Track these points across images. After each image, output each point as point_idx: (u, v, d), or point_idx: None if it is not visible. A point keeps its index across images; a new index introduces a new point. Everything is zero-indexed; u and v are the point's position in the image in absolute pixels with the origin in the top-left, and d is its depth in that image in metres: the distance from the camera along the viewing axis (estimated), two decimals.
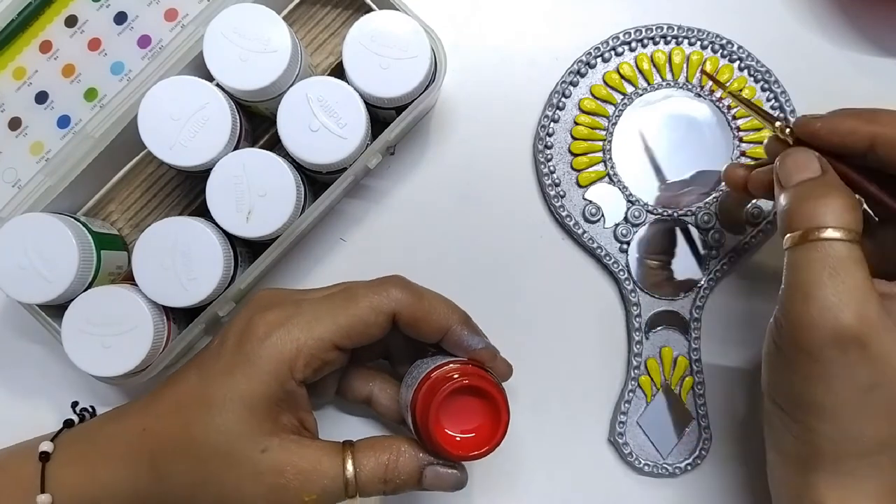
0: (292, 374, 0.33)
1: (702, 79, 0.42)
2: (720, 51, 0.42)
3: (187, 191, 0.42)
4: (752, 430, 0.42)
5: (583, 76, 0.43)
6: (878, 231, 0.34)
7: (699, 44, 0.43)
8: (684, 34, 0.42)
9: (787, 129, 0.34)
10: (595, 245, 0.42)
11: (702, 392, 0.42)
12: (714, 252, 0.42)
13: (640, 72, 0.43)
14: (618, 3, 0.44)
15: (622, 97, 0.42)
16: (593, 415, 0.42)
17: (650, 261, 0.42)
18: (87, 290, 0.37)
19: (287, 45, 0.36)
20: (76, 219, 0.38)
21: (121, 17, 0.41)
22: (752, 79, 0.43)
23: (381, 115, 0.39)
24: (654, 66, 0.42)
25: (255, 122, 0.41)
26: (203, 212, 0.37)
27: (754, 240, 0.42)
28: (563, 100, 0.43)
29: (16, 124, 0.41)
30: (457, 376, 0.33)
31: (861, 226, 0.31)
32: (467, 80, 0.43)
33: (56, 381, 0.42)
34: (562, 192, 0.42)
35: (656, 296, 0.42)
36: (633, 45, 0.43)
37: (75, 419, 0.39)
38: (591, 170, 0.42)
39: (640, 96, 0.42)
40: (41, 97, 0.41)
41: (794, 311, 0.31)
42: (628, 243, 0.42)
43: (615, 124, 0.42)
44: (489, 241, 0.43)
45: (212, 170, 0.36)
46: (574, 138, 0.42)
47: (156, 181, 0.42)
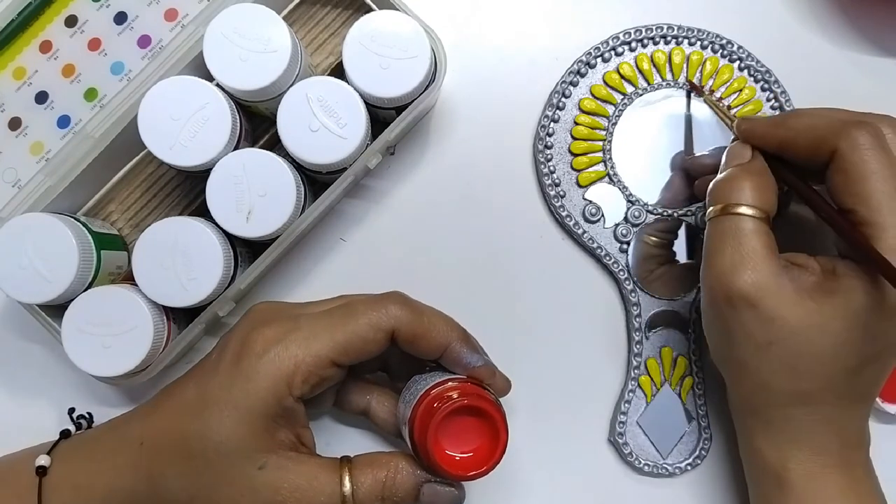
0: (290, 390, 0.33)
1: (691, 84, 0.42)
2: (720, 51, 0.42)
3: (187, 191, 0.42)
4: None
5: (583, 76, 0.43)
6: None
7: (699, 44, 0.43)
8: (684, 34, 0.42)
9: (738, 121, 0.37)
10: (595, 245, 0.42)
11: (702, 392, 0.42)
12: None
13: (640, 72, 0.43)
14: (618, 3, 0.44)
15: (622, 97, 0.42)
16: (593, 415, 0.42)
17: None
18: (87, 290, 0.37)
19: (287, 45, 0.36)
20: (76, 219, 0.38)
21: (121, 17, 0.41)
22: (752, 79, 0.43)
23: (381, 115, 0.39)
24: (654, 66, 0.42)
25: (255, 122, 0.41)
26: (203, 212, 0.37)
27: None
28: (563, 100, 0.43)
29: (16, 124, 0.41)
30: (455, 395, 0.32)
31: (772, 206, 0.34)
32: (467, 80, 0.43)
33: (56, 382, 0.42)
34: (562, 192, 0.42)
35: (656, 296, 0.42)
36: (633, 45, 0.43)
37: (72, 428, 0.39)
38: (591, 170, 0.42)
39: (640, 96, 0.42)
40: (41, 97, 0.41)
41: (703, 274, 0.35)
42: (628, 243, 0.42)
43: (615, 124, 0.42)
44: (489, 241, 0.43)
45: (212, 170, 0.36)
46: (574, 138, 0.42)
47: (156, 181, 0.42)
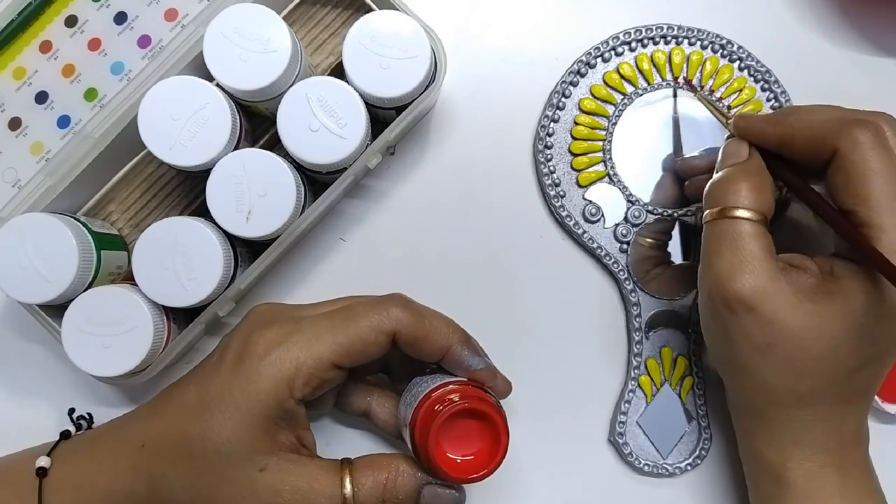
0: (291, 392, 0.33)
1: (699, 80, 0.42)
2: (720, 51, 0.42)
3: (187, 191, 0.42)
4: None
5: (583, 76, 0.43)
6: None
7: (699, 44, 0.43)
8: (684, 34, 0.42)
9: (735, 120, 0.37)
10: (595, 245, 0.42)
11: (702, 392, 0.42)
12: None
13: (640, 72, 0.43)
14: (618, 3, 0.44)
15: (622, 97, 0.42)
16: (593, 415, 0.42)
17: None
18: (87, 290, 0.37)
19: (287, 45, 0.36)
20: (76, 219, 0.38)
21: (121, 17, 0.41)
22: (752, 79, 0.43)
23: (381, 115, 0.39)
24: (654, 66, 0.42)
25: (255, 122, 0.41)
26: (203, 212, 0.37)
27: None
28: (563, 100, 0.43)
29: (16, 124, 0.41)
30: (457, 399, 0.32)
31: (769, 207, 0.34)
32: (467, 80, 0.43)
33: (56, 381, 0.42)
34: (562, 192, 0.42)
35: (656, 296, 0.42)
36: (633, 45, 0.43)
37: (72, 429, 0.39)
38: (591, 170, 0.42)
39: (640, 96, 0.42)
40: (41, 97, 0.41)
41: (701, 278, 0.35)
42: (628, 243, 0.42)
43: (615, 124, 0.42)
44: (489, 241, 0.43)
45: (212, 170, 0.36)
46: (574, 138, 0.42)
47: (156, 181, 0.42)
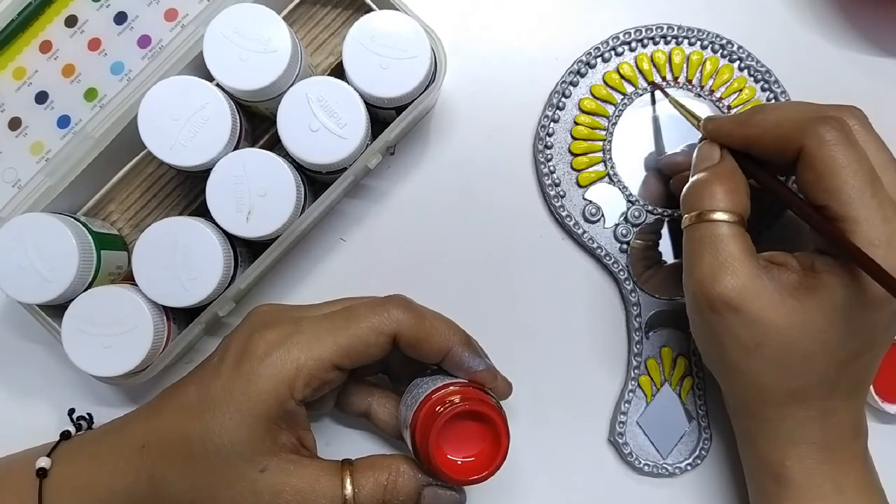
0: (292, 393, 0.33)
1: (702, 79, 0.42)
2: (720, 51, 0.42)
3: (187, 191, 0.42)
4: None
5: (583, 76, 0.43)
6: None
7: (699, 44, 0.43)
8: (684, 34, 0.42)
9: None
10: (595, 245, 0.42)
11: (702, 392, 0.42)
12: None
13: (640, 72, 0.43)
14: (618, 3, 0.44)
15: (622, 97, 0.42)
16: (593, 415, 0.42)
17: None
18: (87, 290, 0.37)
19: (287, 45, 0.36)
20: (76, 219, 0.38)
21: (121, 17, 0.41)
22: (752, 79, 0.43)
23: (381, 115, 0.39)
24: (654, 66, 0.42)
25: (255, 122, 0.41)
26: (203, 212, 0.37)
27: None
28: (563, 100, 0.43)
29: (16, 124, 0.41)
30: (457, 400, 0.32)
31: (745, 207, 0.34)
32: (467, 80, 0.43)
33: (56, 381, 0.42)
34: (562, 192, 0.42)
35: (656, 296, 0.42)
36: (633, 45, 0.43)
37: (72, 429, 0.39)
38: (591, 170, 0.42)
39: (640, 96, 0.42)
40: (41, 97, 0.41)
41: (685, 282, 0.35)
42: (628, 243, 0.42)
43: (615, 124, 0.42)
44: (489, 241, 0.43)
45: (212, 170, 0.36)
46: (574, 138, 0.42)
47: (156, 181, 0.42)
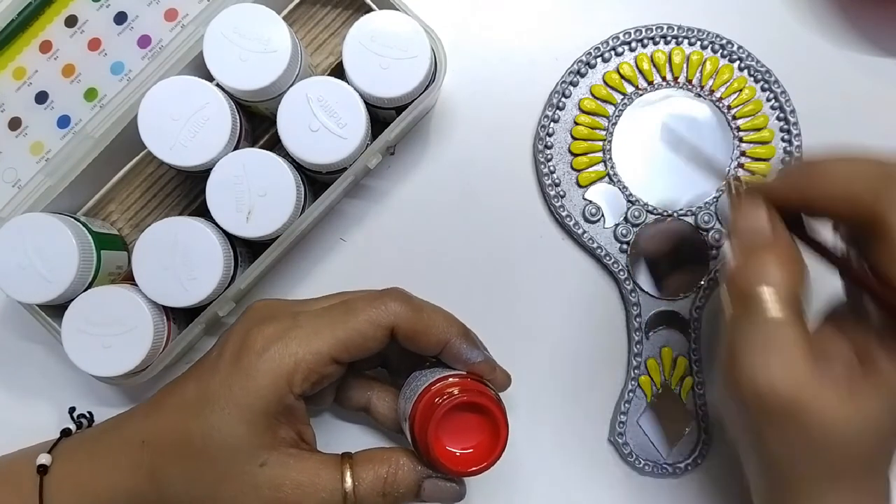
0: (290, 388, 0.33)
1: (702, 80, 0.42)
2: (720, 51, 0.42)
3: (187, 191, 0.42)
4: None
5: (583, 76, 0.43)
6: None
7: (699, 44, 0.43)
8: (684, 34, 0.42)
9: (737, 183, 0.33)
10: (595, 245, 0.42)
11: (702, 392, 0.42)
12: (714, 252, 0.42)
13: (640, 72, 0.43)
14: (618, 3, 0.44)
15: (622, 97, 0.42)
16: (593, 415, 0.42)
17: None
18: (87, 290, 0.37)
19: (287, 45, 0.36)
20: (76, 219, 0.38)
21: (121, 17, 0.41)
22: (752, 79, 0.43)
23: (381, 115, 0.39)
24: (654, 66, 0.42)
25: (255, 122, 0.41)
26: (203, 212, 0.37)
27: None
28: (563, 100, 0.43)
29: (16, 124, 0.41)
30: (456, 392, 0.32)
31: (803, 286, 0.30)
32: (467, 80, 0.43)
33: (56, 381, 0.42)
34: (562, 192, 0.42)
35: (656, 296, 0.42)
36: (633, 45, 0.43)
37: (73, 427, 0.39)
38: (591, 170, 0.42)
39: (640, 96, 0.42)
40: (41, 97, 0.41)
41: (727, 371, 0.30)
42: (628, 243, 0.42)
43: (615, 124, 0.42)
44: (489, 241, 0.43)
45: (212, 170, 0.36)
46: (574, 138, 0.42)
47: (156, 181, 0.42)
